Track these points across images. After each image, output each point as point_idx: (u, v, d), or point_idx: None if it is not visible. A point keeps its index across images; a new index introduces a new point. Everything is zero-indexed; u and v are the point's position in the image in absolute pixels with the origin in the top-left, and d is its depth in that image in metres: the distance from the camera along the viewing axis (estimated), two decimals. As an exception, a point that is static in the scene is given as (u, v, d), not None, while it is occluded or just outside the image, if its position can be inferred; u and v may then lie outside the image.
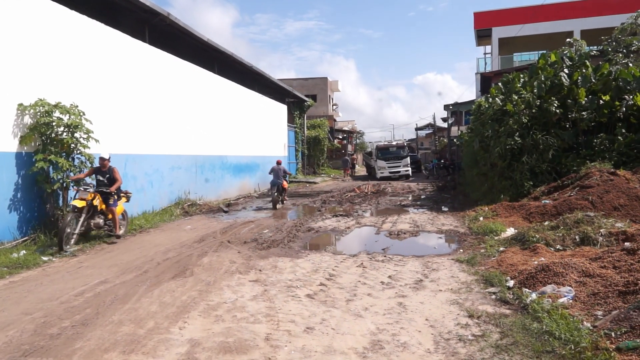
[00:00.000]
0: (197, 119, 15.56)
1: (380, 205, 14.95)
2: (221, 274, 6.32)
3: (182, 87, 14.59)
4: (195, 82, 15.55)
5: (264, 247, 8.13)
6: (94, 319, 4.71)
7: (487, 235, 8.31)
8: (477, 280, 5.67)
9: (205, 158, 16.12)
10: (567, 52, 13.58)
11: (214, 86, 17.03)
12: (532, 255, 6.32)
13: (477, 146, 14.20)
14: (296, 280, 5.97)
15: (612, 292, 4.54)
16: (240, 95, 19.59)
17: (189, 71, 15.13)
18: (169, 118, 13.80)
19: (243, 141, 19.69)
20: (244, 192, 19.41)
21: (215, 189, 16.77)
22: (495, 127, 12.72)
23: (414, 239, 8.86)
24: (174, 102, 14.13)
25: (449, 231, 9.35)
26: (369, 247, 8.10)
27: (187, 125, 14.90)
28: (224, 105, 17.79)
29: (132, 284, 5.96)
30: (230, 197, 17.54)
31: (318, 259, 7.17)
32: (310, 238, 9.17)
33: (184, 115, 14.70)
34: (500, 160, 12.11)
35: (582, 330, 3.85)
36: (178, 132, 14.28)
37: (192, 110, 15.24)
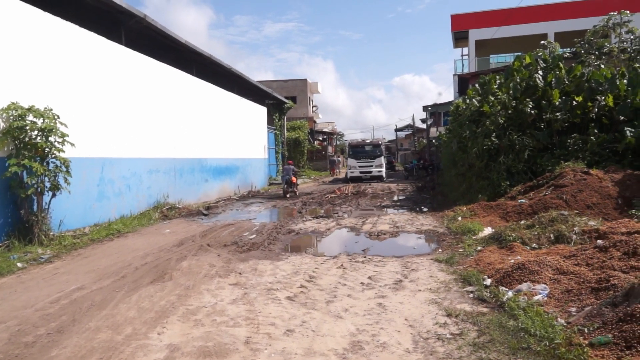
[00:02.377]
0: (176, 122, 15.41)
1: (360, 206, 15.03)
2: (200, 278, 6.27)
3: (160, 89, 14.43)
4: (174, 84, 15.40)
5: (244, 250, 8.09)
6: (70, 326, 4.63)
7: (465, 234, 8.43)
8: (456, 280, 5.75)
9: (185, 161, 15.96)
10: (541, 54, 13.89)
11: (192, 88, 16.88)
12: (508, 254, 6.44)
13: (455, 147, 14.40)
14: (276, 282, 5.96)
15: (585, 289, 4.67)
16: (219, 97, 19.47)
17: (167, 73, 14.97)
18: (147, 121, 13.63)
19: (222, 144, 19.56)
20: (224, 194, 19.28)
21: (194, 192, 16.62)
22: (473, 128, 12.91)
23: (394, 240, 8.92)
24: (152, 105, 13.96)
25: (428, 231, 9.45)
26: (349, 248, 8.13)
27: (166, 129, 14.74)
28: (203, 107, 17.65)
29: (109, 289, 5.87)
30: (210, 200, 17.41)
31: (298, 261, 7.17)
32: (290, 240, 9.16)
33: (163, 118, 14.54)
34: (477, 160, 12.29)
35: (556, 327, 3.94)
36: (156, 135, 14.11)
37: (171, 113, 15.08)
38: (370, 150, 29.18)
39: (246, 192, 21.62)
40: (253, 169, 23.72)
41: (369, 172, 28.18)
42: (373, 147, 29.35)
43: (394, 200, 16.81)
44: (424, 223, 10.52)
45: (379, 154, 28.71)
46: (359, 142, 32.17)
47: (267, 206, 16.03)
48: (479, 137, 12.31)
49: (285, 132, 33.54)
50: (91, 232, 9.93)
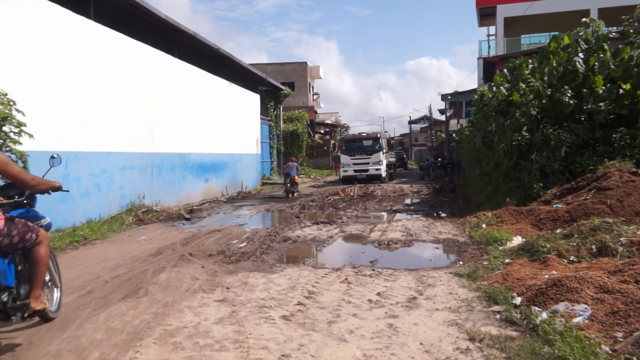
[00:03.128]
0: (154, 111, 15.40)
1: (368, 210, 15.03)
2: (181, 293, 6.25)
3: (135, 72, 14.42)
4: (151, 66, 15.39)
5: (233, 260, 8.08)
6: (26, 350, 4.60)
7: (490, 245, 8.39)
8: (479, 297, 5.72)
9: (164, 156, 15.96)
10: (582, 34, 13.81)
11: (173, 71, 16.88)
12: (542, 268, 6.40)
13: (479, 142, 14.37)
14: (270, 299, 5.94)
15: (634, 310, 4.62)
16: (204, 82, 19.47)
17: (144, 54, 14.96)
18: (120, 109, 13.62)
19: (208, 136, 19.58)
20: (210, 195, 19.30)
21: (175, 193, 16.62)
22: (500, 121, 12.87)
23: (407, 250, 8.90)
24: (126, 90, 13.95)
25: (447, 240, 9.42)
26: (354, 259, 8.11)
27: (142, 118, 14.73)
28: (185, 94, 17.65)
29: (73, 306, 5.85)
30: (194, 202, 17.42)
31: (296, 274, 7.15)
32: (286, 249, 9.16)
33: (138, 106, 14.53)
34: (505, 158, 12.25)
35: (599, 355, 3.90)
36: (131, 125, 14.10)
37: (148, 101, 15.08)
38: (368, 145, 28.75)
39: (235, 193, 21.65)
40: (244, 167, 23.75)
41: (364, 170, 27.71)
42: (371, 141, 28.88)
43: (407, 203, 16.78)
44: (442, 231, 10.49)
45: (377, 149, 28.17)
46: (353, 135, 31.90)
47: (259, 210, 16.02)
48: (508, 131, 12.27)
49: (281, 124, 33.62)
50: (52, 239, 9.92)
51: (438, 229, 10.82)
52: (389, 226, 11.43)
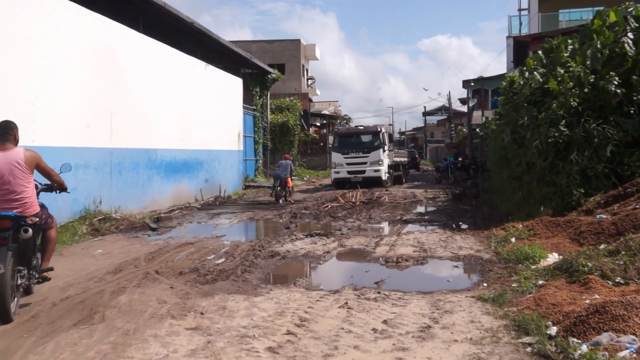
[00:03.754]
0: (114, 97, 15.37)
1: (373, 220, 15.05)
2: (145, 320, 6.24)
3: (90, 48, 14.39)
4: (110, 42, 15.37)
5: (208, 280, 8.07)
6: (-44, 385, 4.58)
7: (520, 263, 8.41)
8: (507, 327, 5.73)
9: (125, 153, 15.93)
10: (632, 10, 13.87)
11: (138, 49, 16.86)
12: (582, 292, 6.42)
13: (508, 139, 14.40)
14: (253, 327, 5.94)
15: (691, 342, 4.64)
16: (176, 63, 19.46)
17: (101, 26, 14.94)
18: (69, 94, 13.58)
19: (180, 129, 19.57)
20: (181, 200, 19.27)
21: (139, 197, 16.59)
22: (533, 113, 12.91)
23: (420, 269, 8.92)
24: (78, 72, 13.92)
25: (468, 257, 9.44)
26: (356, 279, 8.11)
27: (99, 106, 14.70)
28: (152, 77, 17.63)
29: (15, 334, 5.83)
30: (161, 209, 17.39)
31: (285, 296, 7.15)
32: (274, 267, 9.16)
33: (94, 91, 14.49)
34: (539, 158, 12.28)
35: (649, 396, 3.92)
36: (83, 114, 14.06)
37: (106, 84, 15.05)
38: (366, 141, 28.69)
39: (212, 197, 21.63)
40: (222, 166, 23.76)
41: (360, 172, 27.54)
42: (369, 136, 28.79)
43: (421, 212, 16.80)
44: (462, 245, 10.52)
45: (377, 145, 28.05)
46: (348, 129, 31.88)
47: (241, 218, 16.01)
48: (542, 126, 12.30)
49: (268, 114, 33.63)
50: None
51: (457, 243, 10.84)
52: (398, 239, 11.44)
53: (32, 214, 6.52)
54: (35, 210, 6.64)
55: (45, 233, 7.13)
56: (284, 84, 43.32)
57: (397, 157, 32.11)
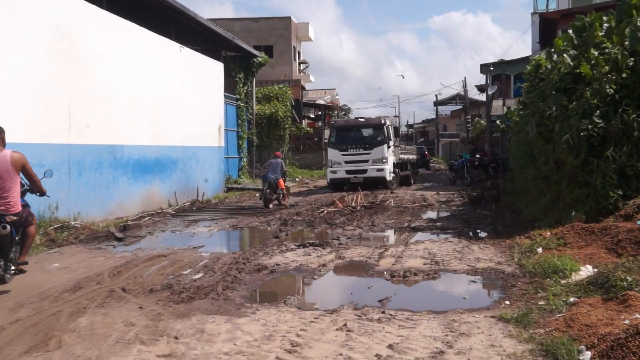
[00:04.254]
0: (72, 84, 15.31)
1: (376, 228, 15.06)
2: (110, 346, 6.21)
3: (44, 28, 14.34)
4: (68, 21, 15.31)
5: (184, 298, 8.03)
6: None
7: (549, 277, 8.41)
8: (533, 352, 5.72)
9: (87, 149, 15.88)
10: (677, -18, 13.92)
11: (100, 29, 16.80)
12: (621, 310, 6.41)
13: (534, 132, 14.41)
14: (236, 353, 5.92)
15: None
16: (146, 44, 19.41)
17: (57, 2, 14.88)
18: (19, 81, 13.54)
19: (151, 122, 19.53)
20: (152, 206, 19.22)
21: (102, 202, 16.53)
22: (563, 102, 12.92)
23: (431, 284, 8.90)
24: (29, 53, 13.87)
25: (487, 271, 9.43)
26: (357, 297, 8.09)
27: (54, 94, 14.65)
28: (118, 60, 17.58)
29: (-45, 363, 5.80)
30: (129, 216, 17.34)
31: (273, 317, 7.13)
32: (260, 283, 9.14)
33: (47, 76, 14.44)
34: (570, 155, 12.28)
35: None
36: (36, 105, 14.01)
37: (62, 69, 14.99)
38: (367, 136, 28.80)
39: (189, 202, 21.58)
40: (201, 165, 23.73)
41: (361, 171, 27.57)
42: (371, 130, 28.85)
43: (432, 218, 16.83)
44: (480, 257, 10.51)
45: (380, 140, 28.10)
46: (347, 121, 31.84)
47: (222, 226, 15.99)
48: (573, 117, 12.30)
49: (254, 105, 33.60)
50: None
51: (475, 254, 10.83)
52: (405, 250, 11.42)
53: (12, 213, 8.17)
54: (17, 209, 8.27)
55: (25, 229, 8.70)
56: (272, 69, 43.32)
57: (404, 154, 32.03)
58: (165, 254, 11.53)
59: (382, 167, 27.46)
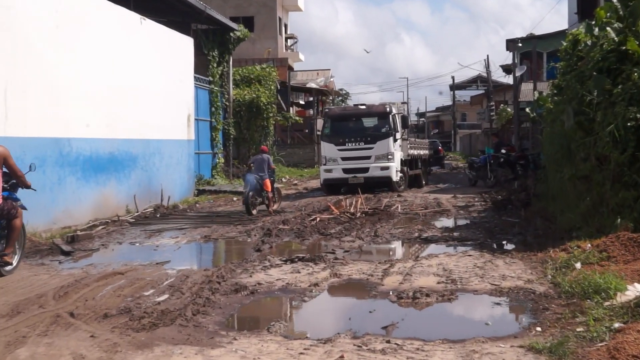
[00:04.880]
0: (7, 64, 15.25)
1: (380, 239, 15.04)
2: (54, 383, 6.17)
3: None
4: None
5: (146, 325, 7.99)
6: None
7: (589, 298, 8.40)
8: (571, 390, 5.71)
9: (26, 143, 15.81)
10: None
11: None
12: (677, 339, 6.40)
13: (571, 122, 14.42)
14: (208, 393, 5.89)
15: None
16: (98, 15, 19.35)
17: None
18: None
19: (106, 110, 19.45)
20: (107, 212, 19.15)
21: (45, 208, 16.42)
22: (606, 86, 12.92)
23: (446, 308, 8.90)
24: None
25: (515, 290, 9.41)
26: (356, 322, 8.07)
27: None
28: (65, 35, 17.50)
29: None
30: (78, 224, 17.28)
31: (254, 348, 7.11)
32: (239, 306, 9.12)
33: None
34: (615, 150, 12.28)
35: None
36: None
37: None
38: (369, 127, 28.93)
39: (151, 207, 21.52)
40: (166, 162, 23.68)
41: (361, 170, 27.61)
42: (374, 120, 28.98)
43: (448, 227, 16.86)
44: (506, 274, 10.50)
45: (385, 133, 28.09)
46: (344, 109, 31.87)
47: (192, 237, 15.98)
48: (619, 104, 12.31)
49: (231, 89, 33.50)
50: None
51: (500, 270, 10.82)
52: (415, 266, 11.40)
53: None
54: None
55: (10, 222, 10.56)
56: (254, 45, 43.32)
57: (414, 149, 31.88)
58: (122, 271, 11.48)
59: (387, 164, 27.37)
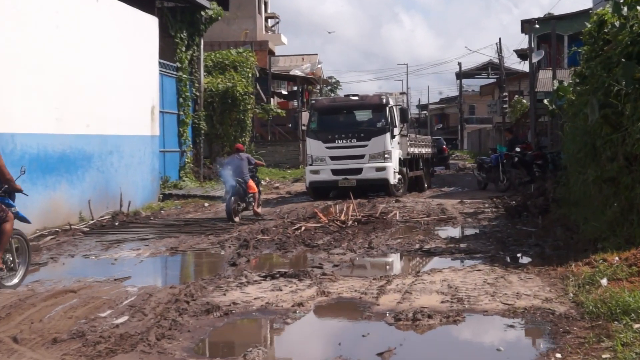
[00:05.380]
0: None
1: (374, 250, 15.05)
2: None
3: None
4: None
5: (102, 352, 7.97)
6: None
7: (617, 320, 8.42)
8: None
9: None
10: None
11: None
12: None
13: (596, 116, 14.46)
14: None
15: None
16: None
17: None
18: None
19: (55, 101, 19.42)
20: (57, 220, 19.11)
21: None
22: (637, 74, 12.99)
23: (452, 331, 8.90)
24: None
25: (531, 311, 9.42)
26: (347, 348, 8.08)
27: None
28: (6, 15, 17.47)
29: None
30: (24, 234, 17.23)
31: (228, 379, 7.11)
32: (210, 329, 9.09)
33: None
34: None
35: None
36: None
37: None
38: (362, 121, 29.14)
39: (109, 214, 21.49)
40: (126, 162, 23.64)
41: (354, 171, 27.72)
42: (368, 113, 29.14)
43: (454, 238, 16.87)
44: (521, 292, 10.50)
45: (381, 128, 28.32)
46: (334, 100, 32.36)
47: (157, 249, 15.98)
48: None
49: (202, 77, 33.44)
50: None
51: (514, 287, 10.83)
52: (416, 282, 11.39)
53: None
54: None
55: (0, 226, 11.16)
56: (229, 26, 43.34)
57: (415, 147, 31.85)
58: (75, 289, 11.44)
59: (384, 165, 27.44)
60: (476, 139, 79.05)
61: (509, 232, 17.05)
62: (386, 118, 28.07)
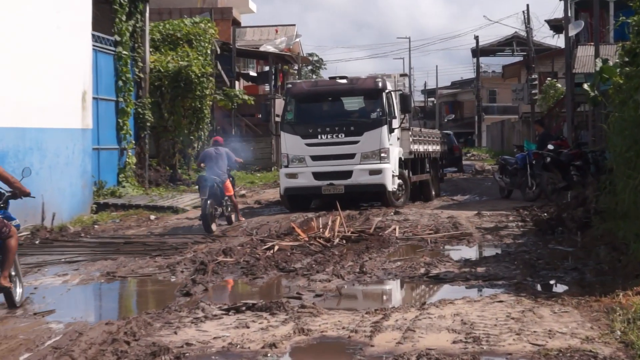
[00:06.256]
0: None
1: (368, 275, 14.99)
2: None
3: None
4: None
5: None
6: None
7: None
8: None
9: None
10: None
11: None
12: None
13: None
14: None
15: None
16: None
17: None
18: None
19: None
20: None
21: None
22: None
23: (467, 380, 8.92)
24: None
25: (566, 353, 9.40)
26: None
27: None
28: None
29: None
30: None
31: None
32: (157, 379, 9.09)
33: None
34: None
35: None
36: None
37: None
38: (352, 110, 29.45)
39: (27, 229, 21.46)
40: (48, 163, 23.69)
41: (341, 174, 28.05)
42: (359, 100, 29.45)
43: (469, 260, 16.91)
44: (554, 329, 10.52)
45: (375, 119, 28.73)
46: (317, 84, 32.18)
47: (89, 274, 15.98)
48: None
49: (147, 53, 33.41)
50: None
51: (545, 323, 10.84)
52: (421, 317, 11.40)
53: None
54: None
55: (4, 243, 12.10)
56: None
57: (421, 144, 31.81)
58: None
59: (380, 167, 27.50)
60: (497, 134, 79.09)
61: (540, 252, 17.06)
62: (382, 107, 28.09)
